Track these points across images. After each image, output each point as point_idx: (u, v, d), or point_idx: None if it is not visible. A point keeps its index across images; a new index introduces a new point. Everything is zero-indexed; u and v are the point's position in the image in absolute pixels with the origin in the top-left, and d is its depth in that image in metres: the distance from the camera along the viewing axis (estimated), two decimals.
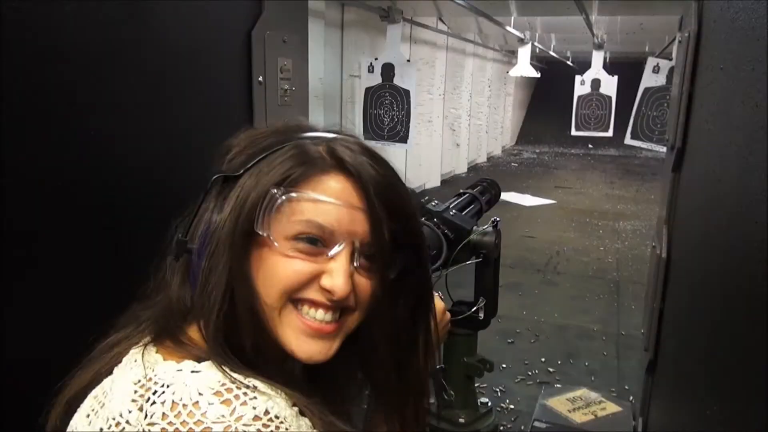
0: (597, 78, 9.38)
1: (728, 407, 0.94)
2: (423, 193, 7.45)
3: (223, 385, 0.55)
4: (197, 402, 0.52)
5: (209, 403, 0.52)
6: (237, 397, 0.54)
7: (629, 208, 8.13)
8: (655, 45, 9.06)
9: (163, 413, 0.52)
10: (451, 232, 1.30)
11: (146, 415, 0.53)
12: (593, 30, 8.13)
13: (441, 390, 1.43)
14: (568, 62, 12.59)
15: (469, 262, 1.31)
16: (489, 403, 1.53)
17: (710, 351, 1.10)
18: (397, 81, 5.61)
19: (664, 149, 2.07)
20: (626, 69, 9.97)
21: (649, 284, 1.84)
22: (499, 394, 3.11)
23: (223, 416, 0.52)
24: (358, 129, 5.93)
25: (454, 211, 1.40)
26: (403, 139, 5.65)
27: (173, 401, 0.53)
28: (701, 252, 1.26)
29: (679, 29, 2.00)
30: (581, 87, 9.56)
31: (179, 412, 0.52)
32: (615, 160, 13.87)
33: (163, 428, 0.52)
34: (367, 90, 5.69)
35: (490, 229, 1.32)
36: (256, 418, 0.53)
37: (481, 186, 1.64)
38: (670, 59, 6.78)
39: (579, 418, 2.45)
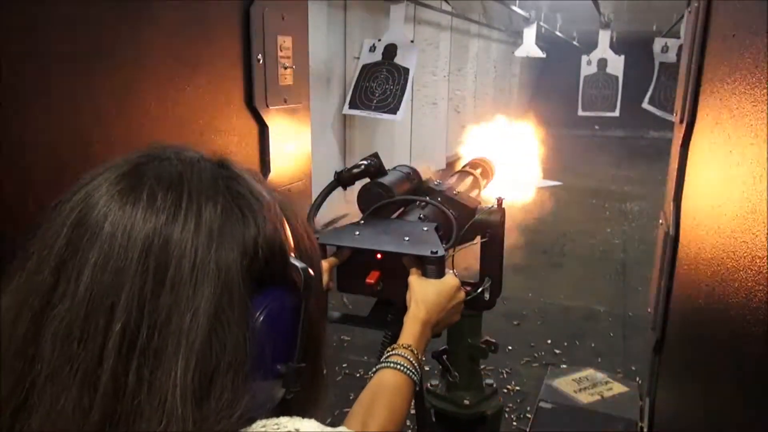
0: (603, 58, 9.28)
1: (738, 388, 0.92)
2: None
3: None
4: None
5: None
6: None
7: (636, 189, 8.08)
8: (663, 23, 8.92)
9: None
10: (456, 212, 1.28)
11: None
12: (600, 9, 8.02)
13: (445, 371, 1.42)
14: (574, 42, 12.45)
15: (475, 242, 1.29)
16: (494, 385, 1.51)
17: (719, 330, 1.08)
18: (397, 60, 5.46)
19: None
20: (633, 48, 9.86)
21: (657, 262, 1.81)
22: (505, 375, 3.10)
23: None
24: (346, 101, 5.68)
25: (456, 190, 1.37)
26: (393, 110, 5.28)
27: None
28: (711, 228, 1.23)
29: (687, 5, 1.95)
30: (587, 67, 9.47)
31: None
32: (621, 141, 13.77)
33: None
34: (364, 66, 5.53)
35: (495, 207, 1.29)
36: None
37: (478, 164, 1.62)
38: (678, 38, 6.69)
39: (585, 398, 2.44)
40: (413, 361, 0.91)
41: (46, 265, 0.51)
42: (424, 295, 0.99)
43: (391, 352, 0.93)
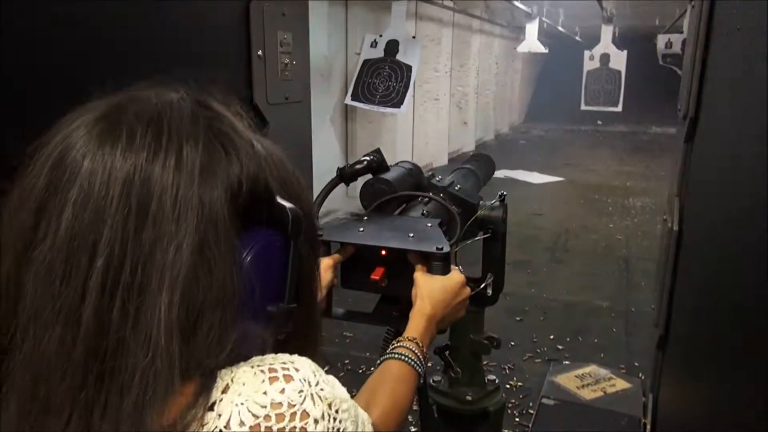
0: (606, 53, 9.26)
1: (741, 384, 0.91)
2: (430, 171, 7.40)
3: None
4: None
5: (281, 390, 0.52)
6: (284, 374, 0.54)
7: (639, 185, 8.05)
8: (666, 18, 8.89)
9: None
10: (459, 208, 1.27)
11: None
12: (602, 4, 7.99)
13: (448, 367, 1.42)
14: (577, 37, 12.42)
15: (478, 238, 1.29)
16: (496, 381, 1.51)
17: (723, 326, 1.07)
18: (400, 57, 5.44)
19: None
20: (636, 43, 9.84)
21: (661, 258, 1.80)
22: (507, 371, 3.10)
23: (301, 390, 0.52)
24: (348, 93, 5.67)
25: (458, 186, 1.37)
26: (397, 104, 5.31)
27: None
28: (715, 224, 1.22)
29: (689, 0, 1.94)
30: (590, 62, 9.45)
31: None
32: (624, 136, 13.74)
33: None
34: (366, 61, 5.50)
35: (498, 203, 1.29)
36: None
37: (478, 161, 1.61)
38: (681, 33, 6.67)
39: (588, 394, 2.43)
40: (418, 353, 0.91)
41: (27, 206, 0.51)
42: (430, 291, 0.99)
43: (396, 344, 0.93)
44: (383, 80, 5.37)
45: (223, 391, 0.51)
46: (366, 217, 1.15)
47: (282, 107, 1.79)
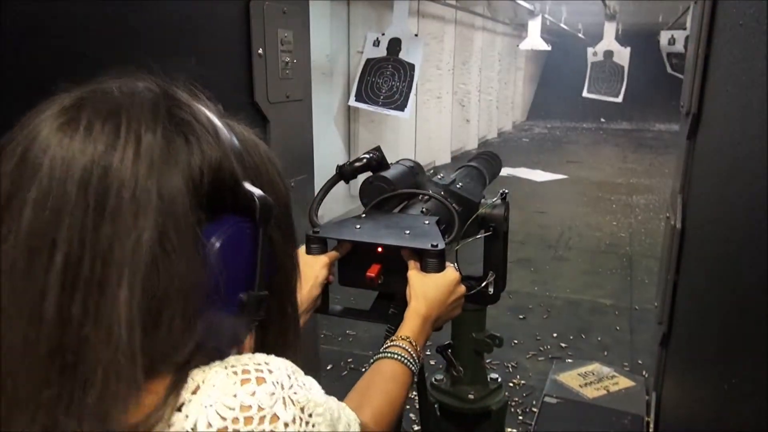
0: (609, 50, 9.23)
1: (745, 382, 0.90)
2: (432, 169, 7.40)
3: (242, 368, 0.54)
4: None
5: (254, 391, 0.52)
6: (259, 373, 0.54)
7: (642, 182, 8.04)
8: (669, 15, 8.87)
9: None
10: (460, 206, 1.27)
11: None
12: (605, 0, 7.96)
13: (450, 366, 1.41)
14: (580, 34, 12.38)
15: (479, 236, 1.28)
16: (499, 379, 1.50)
17: (727, 324, 1.06)
18: (402, 55, 5.45)
19: None
20: (639, 40, 9.81)
21: (663, 256, 1.80)
22: (510, 369, 3.09)
23: (273, 393, 0.52)
24: (351, 93, 5.69)
25: (460, 184, 1.36)
26: (400, 107, 5.31)
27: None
28: (718, 221, 1.21)
29: None
30: (594, 58, 9.44)
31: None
32: (628, 133, 13.70)
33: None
34: (369, 60, 5.51)
35: (499, 201, 1.28)
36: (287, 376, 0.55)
37: (483, 159, 1.60)
38: (684, 29, 6.64)
39: (591, 393, 2.43)
40: (411, 352, 0.91)
41: None
42: (424, 290, 0.98)
43: (390, 344, 0.93)
44: (386, 80, 5.37)
45: (193, 392, 0.51)
46: (364, 215, 1.15)
47: (283, 106, 1.78)
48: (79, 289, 0.48)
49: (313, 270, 1.05)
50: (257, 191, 0.57)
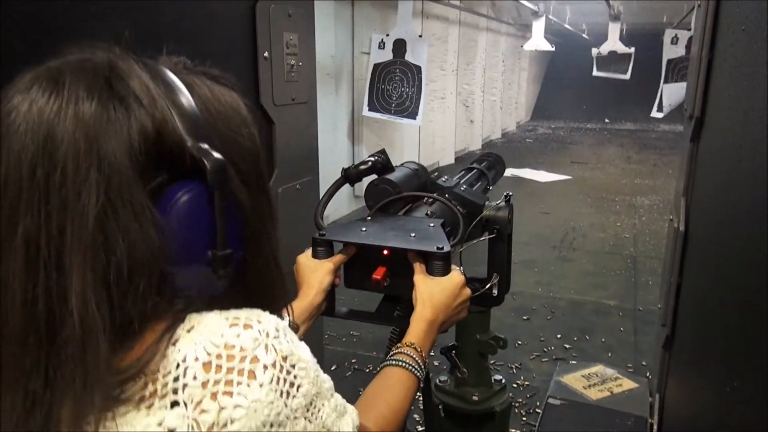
0: (614, 50, 9.23)
1: (749, 384, 0.91)
2: (436, 170, 7.39)
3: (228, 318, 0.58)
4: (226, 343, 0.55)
5: (237, 335, 0.55)
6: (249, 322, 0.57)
7: (646, 183, 8.02)
8: (673, 15, 8.85)
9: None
10: (464, 208, 1.27)
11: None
12: (609, 0, 7.95)
13: (454, 367, 1.42)
14: (584, 35, 12.37)
15: (483, 238, 1.29)
16: (503, 380, 1.51)
17: (730, 326, 1.07)
18: (408, 57, 5.50)
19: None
20: (643, 40, 9.79)
21: (667, 258, 1.80)
22: (514, 371, 3.10)
23: (256, 338, 0.56)
24: (363, 103, 5.78)
25: (464, 186, 1.37)
26: (412, 114, 5.45)
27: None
28: (721, 224, 1.22)
29: None
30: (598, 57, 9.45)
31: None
32: (632, 134, 13.68)
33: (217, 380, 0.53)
34: (376, 66, 5.58)
35: (503, 203, 1.29)
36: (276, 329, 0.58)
37: (487, 161, 1.61)
38: (689, 29, 6.63)
39: (594, 394, 2.43)
40: (416, 359, 0.92)
41: None
42: (430, 294, 0.98)
43: (395, 351, 0.93)
44: (396, 86, 5.46)
45: (188, 331, 0.56)
46: (369, 218, 1.16)
47: (288, 108, 1.79)
48: (39, 270, 0.51)
49: (317, 276, 1.05)
50: (213, 154, 0.58)
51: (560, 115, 15.91)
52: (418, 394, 1.00)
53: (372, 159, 1.22)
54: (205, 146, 0.58)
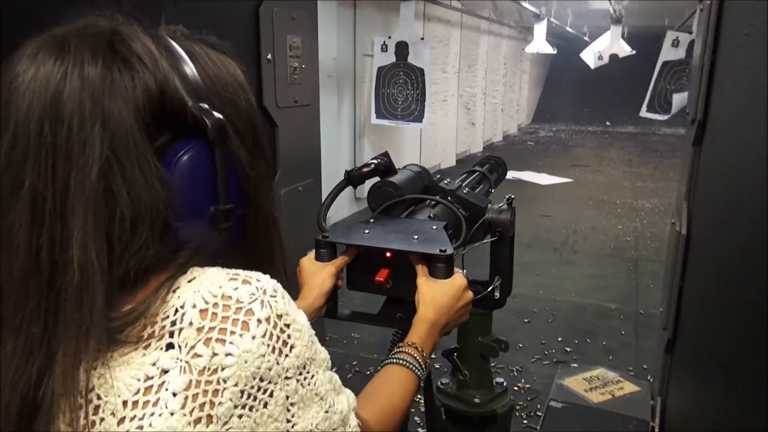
0: (615, 53, 9.24)
1: (752, 390, 0.91)
2: (438, 173, 7.41)
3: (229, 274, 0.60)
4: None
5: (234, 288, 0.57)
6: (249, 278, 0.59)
7: (648, 186, 8.02)
8: (675, 18, 8.86)
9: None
10: (466, 211, 1.28)
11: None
12: (611, 3, 7.96)
13: (456, 370, 1.42)
14: (585, 38, 12.38)
15: (486, 241, 1.29)
16: (504, 383, 1.51)
17: (733, 330, 1.07)
18: (411, 59, 5.54)
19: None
20: (645, 43, 9.79)
21: (669, 262, 1.80)
22: (515, 373, 3.10)
23: (253, 293, 0.58)
24: (371, 108, 5.88)
25: (467, 189, 1.37)
26: (418, 118, 5.59)
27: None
28: (724, 228, 1.22)
29: (699, 1, 1.93)
30: (599, 62, 9.45)
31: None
32: (633, 137, 13.67)
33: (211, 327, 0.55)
34: (380, 69, 5.64)
35: (505, 206, 1.29)
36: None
37: (489, 164, 1.61)
38: (690, 33, 6.63)
39: (596, 398, 2.43)
40: (417, 358, 0.92)
41: None
42: (432, 296, 0.99)
43: (397, 350, 0.94)
44: (401, 89, 5.56)
45: (189, 281, 0.58)
46: (372, 220, 1.16)
47: (291, 110, 1.79)
48: (45, 221, 0.54)
49: (318, 279, 1.05)
50: (213, 113, 0.61)
51: (561, 118, 15.92)
52: (419, 396, 1.00)
53: (375, 161, 1.22)
54: (206, 106, 0.61)
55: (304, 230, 1.91)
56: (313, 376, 0.62)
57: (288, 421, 0.59)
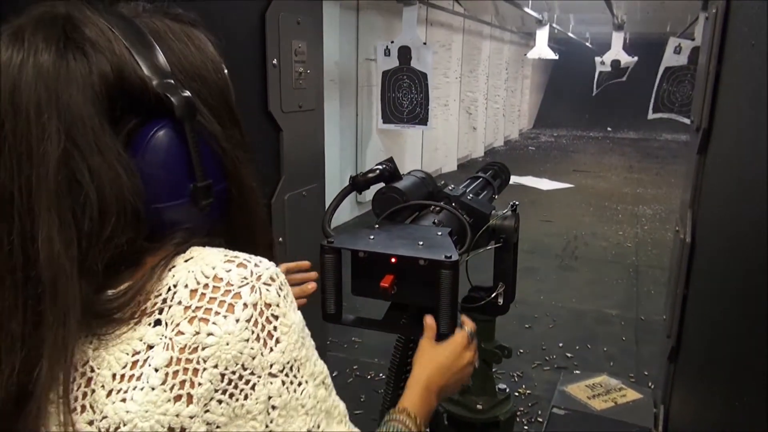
0: (617, 59, 9.24)
1: (757, 400, 0.91)
2: (440, 177, 7.41)
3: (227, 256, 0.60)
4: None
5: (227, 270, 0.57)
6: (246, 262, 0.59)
7: (649, 192, 8.02)
8: (677, 25, 8.87)
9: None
10: (471, 217, 1.28)
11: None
12: (613, 10, 7.97)
13: None
14: (587, 43, 12.40)
15: (490, 247, 1.29)
16: (507, 390, 1.51)
17: (738, 339, 1.07)
18: (414, 64, 5.60)
19: (686, 120, 1.99)
20: (647, 50, 9.81)
21: (673, 270, 1.80)
22: (516, 379, 3.09)
23: (245, 278, 0.57)
24: (377, 112, 5.91)
25: (471, 195, 1.37)
26: (423, 121, 5.69)
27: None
28: (728, 236, 1.22)
29: (702, 8, 1.93)
30: (601, 67, 9.46)
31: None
32: (634, 143, 13.68)
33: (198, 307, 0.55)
34: (385, 73, 5.69)
35: (510, 213, 1.29)
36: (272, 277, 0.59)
37: (493, 170, 1.61)
38: (692, 39, 6.64)
39: (599, 405, 2.42)
40: (410, 426, 0.85)
41: None
42: (429, 357, 0.95)
43: (388, 418, 0.86)
44: (405, 92, 5.65)
45: (186, 261, 0.59)
46: (377, 225, 1.16)
47: (295, 115, 1.80)
48: (15, 219, 0.54)
49: None
50: (177, 89, 0.59)
51: (563, 124, 15.93)
52: None
53: (380, 167, 1.23)
54: (171, 82, 0.60)
55: (308, 235, 1.91)
56: (300, 383, 0.60)
57: (266, 426, 0.57)
